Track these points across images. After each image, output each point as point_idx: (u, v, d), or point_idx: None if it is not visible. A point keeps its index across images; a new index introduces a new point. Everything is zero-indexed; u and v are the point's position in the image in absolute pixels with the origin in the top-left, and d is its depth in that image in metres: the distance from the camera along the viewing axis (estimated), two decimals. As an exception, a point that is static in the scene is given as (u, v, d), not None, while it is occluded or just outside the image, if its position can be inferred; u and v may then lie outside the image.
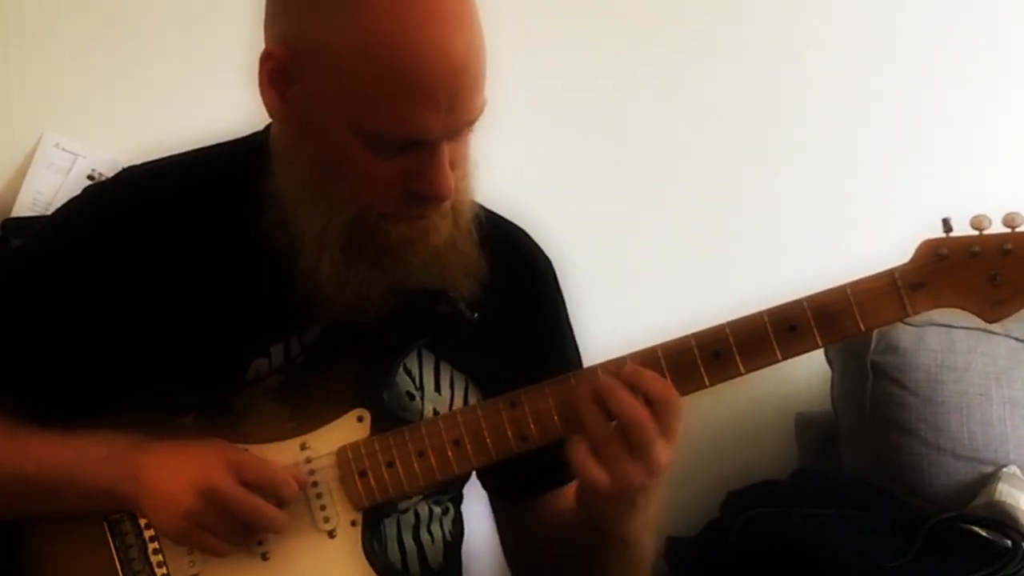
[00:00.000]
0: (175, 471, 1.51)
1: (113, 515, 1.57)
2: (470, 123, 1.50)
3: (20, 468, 1.56)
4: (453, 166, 1.50)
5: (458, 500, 1.76)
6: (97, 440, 1.55)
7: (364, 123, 1.46)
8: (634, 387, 1.49)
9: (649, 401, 1.48)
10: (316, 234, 1.52)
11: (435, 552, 1.69)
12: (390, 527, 1.64)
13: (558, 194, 2.61)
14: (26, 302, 1.61)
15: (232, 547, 1.52)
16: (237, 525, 1.51)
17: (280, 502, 1.52)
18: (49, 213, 2.36)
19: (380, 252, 1.53)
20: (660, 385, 1.49)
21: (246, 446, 1.55)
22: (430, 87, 1.44)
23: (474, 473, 1.73)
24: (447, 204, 1.53)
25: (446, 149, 1.48)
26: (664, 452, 1.49)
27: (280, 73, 1.50)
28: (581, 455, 1.49)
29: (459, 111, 1.47)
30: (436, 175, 1.48)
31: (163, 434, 1.54)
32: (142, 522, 1.57)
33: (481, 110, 1.50)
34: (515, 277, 1.70)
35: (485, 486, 1.78)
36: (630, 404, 1.48)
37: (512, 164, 1.88)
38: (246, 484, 1.51)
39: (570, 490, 1.68)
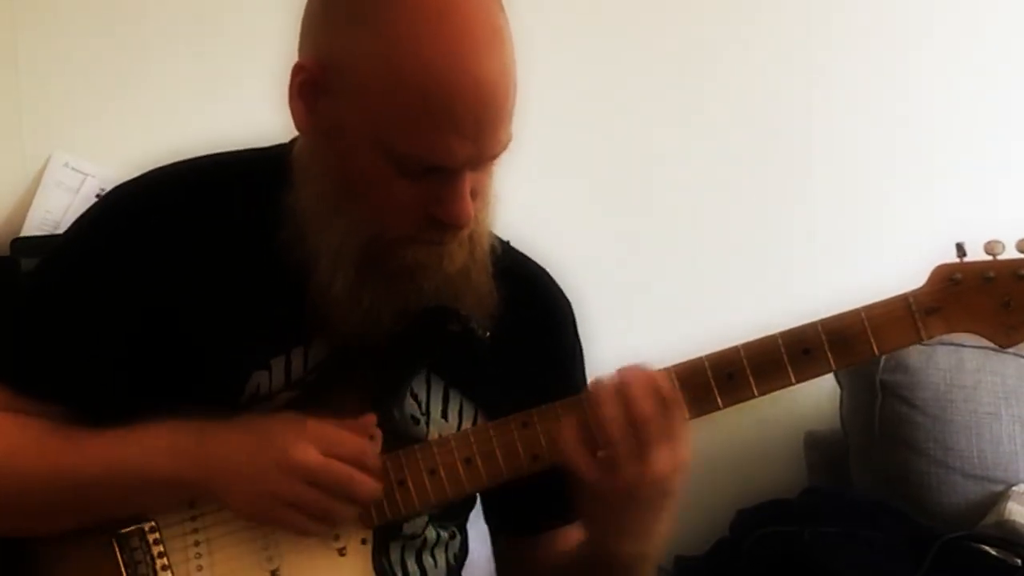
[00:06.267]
0: (250, 451, 1.50)
1: (122, 530, 1.56)
2: (494, 155, 1.49)
3: (86, 470, 1.54)
4: (474, 196, 1.50)
5: (464, 525, 1.75)
6: (157, 432, 1.53)
7: (388, 143, 1.45)
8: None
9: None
10: (332, 251, 1.52)
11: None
12: (394, 550, 1.63)
13: (569, 215, 2.62)
14: (57, 308, 1.60)
15: (318, 524, 1.51)
16: (328, 499, 1.49)
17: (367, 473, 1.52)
18: (58, 233, 2.36)
19: (394, 274, 1.52)
20: (668, 386, 1.50)
21: None
22: (458, 114, 1.43)
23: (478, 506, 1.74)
24: (464, 233, 1.52)
25: (468, 178, 1.47)
26: (663, 459, 1.48)
27: (310, 86, 1.49)
28: (571, 436, 1.50)
29: (484, 141, 1.46)
30: (456, 202, 1.47)
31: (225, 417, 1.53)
32: (151, 537, 1.56)
33: (506, 144, 1.49)
34: (534, 317, 1.69)
35: (489, 522, 1.78)
36: (646, 399, 1.48)
37: (523, 184, 1.88)
38: (333, 456, 1.50)
39: (574, 532, 1.68)
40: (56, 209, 2.49)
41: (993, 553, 2.26)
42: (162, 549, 1.56)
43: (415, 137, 1.44)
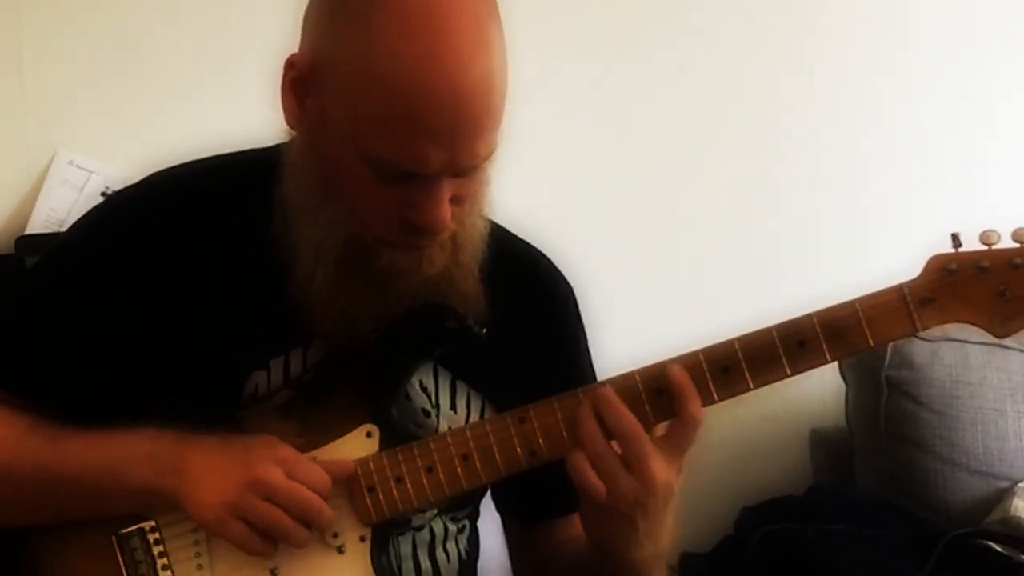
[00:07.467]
0: (220, 463, 1.51)
1: (122, 530, 1.57)
2: (473, 165, 1.47)
3: (63, 470, 1.55)
4: (458, 202, 1.49)
5: (475, 517, 1.75)
6: (141, 438, 1.54)
7: (365, 146, 1.45)
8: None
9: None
10: (314, 246, 1.52)
11: (450, 571, 1.69)
12: (405, 545, 1.64)
13: (569, 209, 2.62)
14: (52, 310, 1.60)
15: (263, 543, 1.51)
16: (279, 518, 1.50)
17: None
18: (63, 230, 2.37)
19: (372, 275, 1.52)
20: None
21: None
22: (433, 122, 1.41)
23: (488, 494, 1.74)
24: (444, 237, 1.51)
25: (446, 184, 1.46)
26: (662, 470, 1.49)
27: (300, 82, 1.50)
28: (579, 464, 1.50)
29: (461, 150, 1.44)
30: (431, 208, 1.46)
31: (208, 430, 1.54)
32: (151, 537, 1.56)
33: (487, 155, 1.48)
34: (534, 302, 1.70)
35: (499, 509, 1.78)
36: (625, 417, 1.49)
37: (524, 179, 1.88)
38: (296, 480, 1.50)
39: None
40: (61, 207, 2.50)
41: (999, 550, 2.25)
42: (162, 549, 1.57)
43: (390, 142, 1.43)
